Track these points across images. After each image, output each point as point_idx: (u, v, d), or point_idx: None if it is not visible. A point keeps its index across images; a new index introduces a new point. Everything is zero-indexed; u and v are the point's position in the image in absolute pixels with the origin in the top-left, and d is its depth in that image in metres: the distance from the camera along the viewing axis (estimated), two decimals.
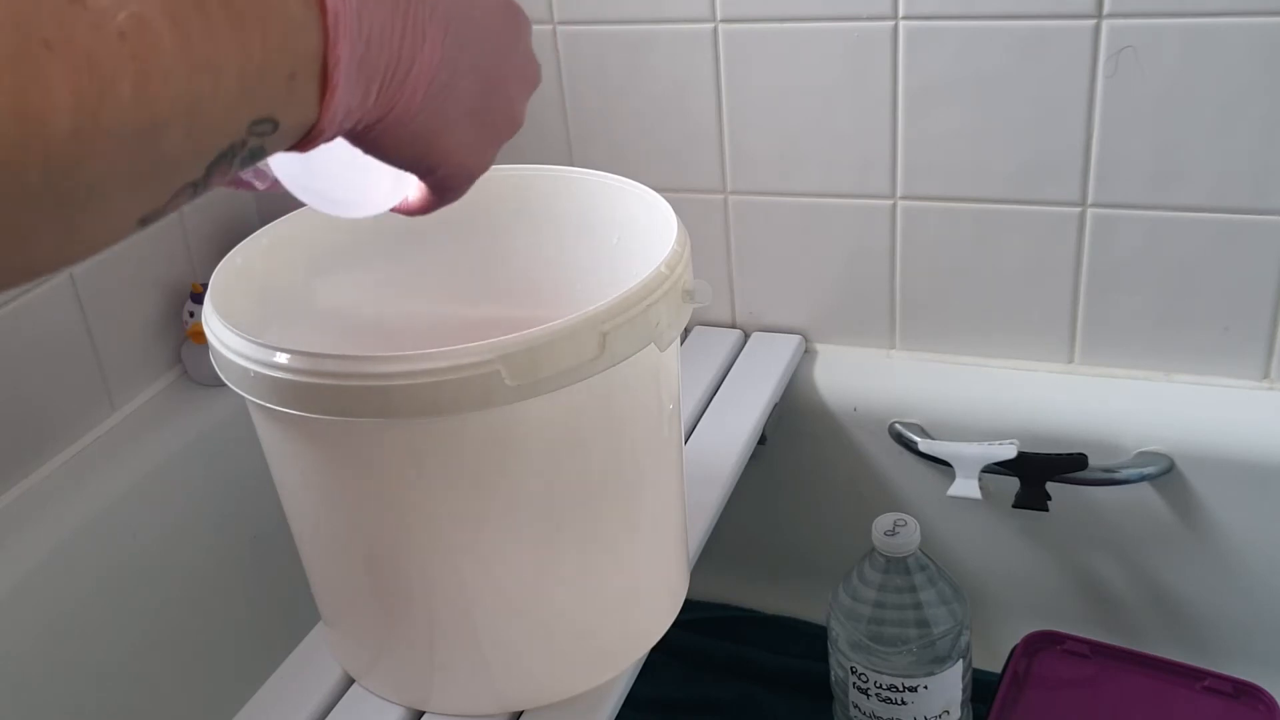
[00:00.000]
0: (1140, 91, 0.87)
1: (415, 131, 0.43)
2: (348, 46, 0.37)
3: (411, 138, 0.43)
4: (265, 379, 0.56)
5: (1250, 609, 0.96)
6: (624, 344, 0.58)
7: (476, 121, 0.46)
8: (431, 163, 0.46)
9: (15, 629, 0.86)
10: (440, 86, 0.42)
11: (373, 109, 0.40)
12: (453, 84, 0.43)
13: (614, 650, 0.70)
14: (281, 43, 0.35)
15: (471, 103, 0.45)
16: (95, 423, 1.02)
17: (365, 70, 0.39)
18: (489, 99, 0.46)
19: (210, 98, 0.32)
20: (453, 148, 0.46)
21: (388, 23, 0.39)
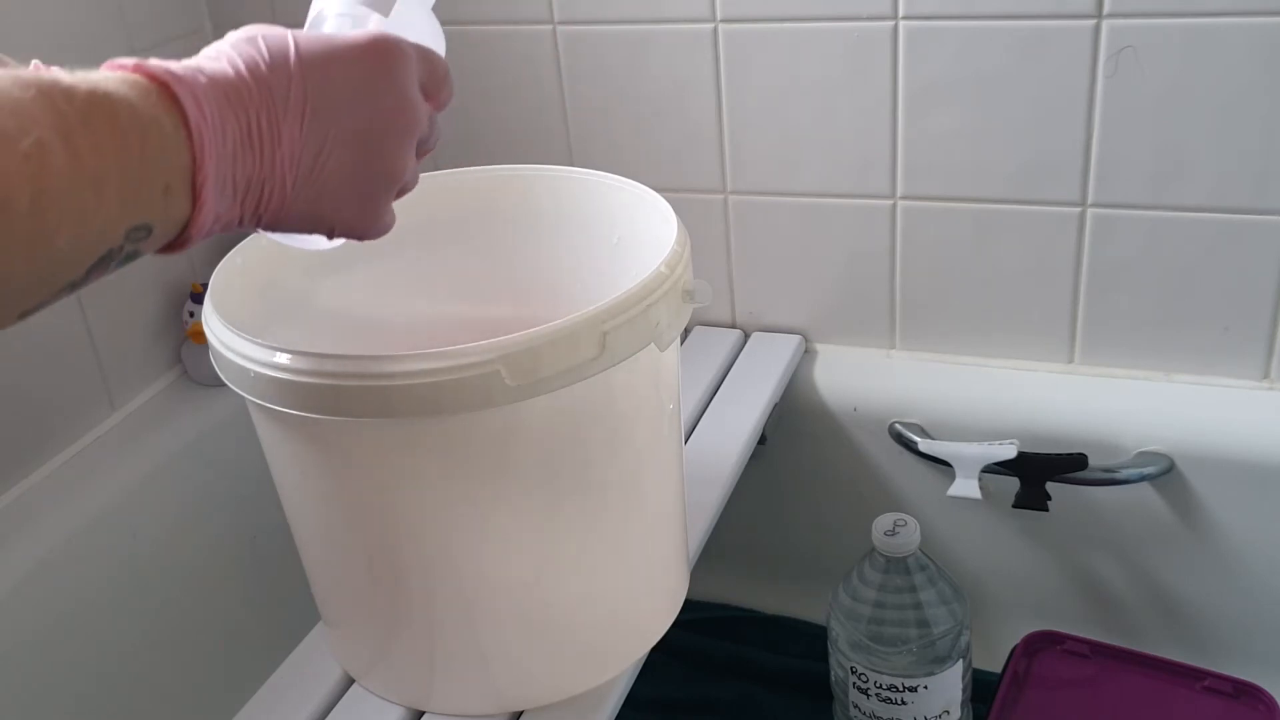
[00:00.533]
0: (1140, 91, 0.87)
1: (295, 213, 0.45)
2: (213, 163, 0.40)
3: (293, 218, 0.46)
4: (265, 379, 0.56)
5: (1250, 609, 0.96)
6: (624, 344, 0.58)
7: (354, 187, 0.47)
8: (323, 229, 0.48)
9: (15, 629, 0.86)
10: (306, 171, 0.44)
11: (243, 209, 0.43)
12: (320, 164, 0.45)
13: (614, 650, 0.70)
14: (157, 157, 0.38)
15: (345, 171, 0.46)
16: (95, 423, 1.02)
17: (230, 181, 0.42)
18: (363, 163, 0.47)
19: (94, 209, 0.36)
20: (337, 215, 0.47)
21: (243, 134, 0.42)
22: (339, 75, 0.45)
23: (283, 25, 0.48)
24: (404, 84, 0.48)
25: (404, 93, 0.48)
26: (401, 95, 0.47)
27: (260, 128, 0.42)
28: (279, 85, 0.43)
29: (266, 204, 0.44)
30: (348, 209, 0.47)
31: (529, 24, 1.02)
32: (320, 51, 0.45)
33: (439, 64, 0.51)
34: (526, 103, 1.05)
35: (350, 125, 0.45)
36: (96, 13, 0.99)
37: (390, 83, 0.47)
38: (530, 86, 1.04)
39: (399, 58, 0.47)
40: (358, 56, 0.46)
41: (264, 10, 1.08)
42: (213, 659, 1.02)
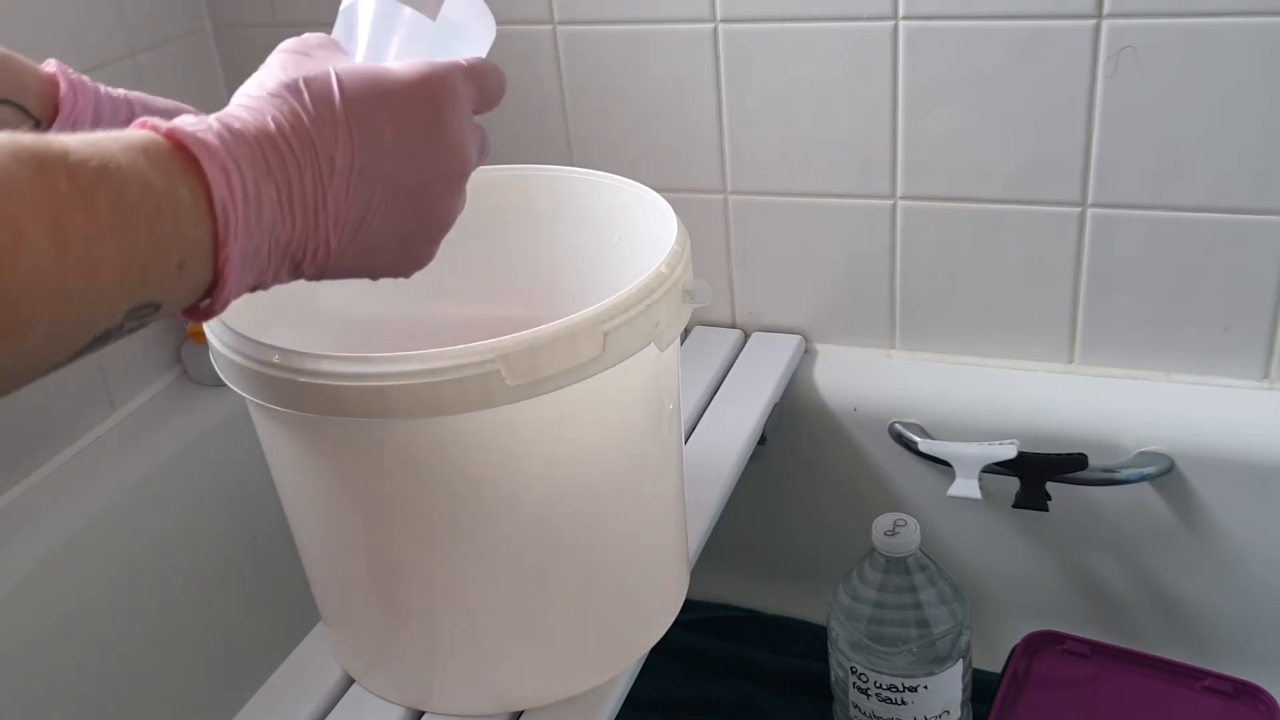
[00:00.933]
0: (1140, 91, 0.87)
1: (339, 268, 0.44)
2: (241, 237, 0.38)
3: (338, 272, 0.44)
4: (265, 379, 0.56)
5: (1250, 609, 0.96)
6: (624, 344, 0.58)
7: (402, 239, 0.45)
8: (369, 276, 0.47)
9: (16, 628, 0.86)
10: (352, 230, 0.43)
11: (280, 271, 0.41)
12: (368, 221, 0.43)
13: (614, 650, 0.70)
14: (169, 234, 0.36)
15: (393, 225, 0.44)
16: (95, 423, 1.02)
17: (264, 249, 0.40)
18: (413, 216, 0.45)
19: (82, 294, 0.34)
20: (384, 265, 0.46)
21: (283, 198, 0.40)
22: (388, 126, 0.43)
23: (284, 23, 0.48)
24: (456, 129, 0.46)
25: (456, 139, 0.46)
26: (454, 142, 0.46)
27: (303, 190, 0.40)
28: (324, 142, 0.41)
29: (309, 264, 0.42)
30: (396, 259, 0.46)
31: (529, 24, 1.02)
32: (367, 96, 0.43)
33: (490, 76, 0.49)
34: (526, 103, 1.05)
35: (400, 180, 0.44)
36: (96, 13, 0.99)
37: (441, 130, 0.45)
38: (530, 86, 1.04)
39: (450, 100, 0.45)
40: (407, 102, 0.44)
41: (264, 10, 1.08)
42: (213, 659, 1.02)
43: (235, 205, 0.38)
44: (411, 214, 0.45)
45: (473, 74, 0.47)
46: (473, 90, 0.47)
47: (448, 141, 0.45)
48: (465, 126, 0.46)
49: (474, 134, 0.48)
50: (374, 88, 0.43)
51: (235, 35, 1.10)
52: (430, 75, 0.45)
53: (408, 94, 0.44)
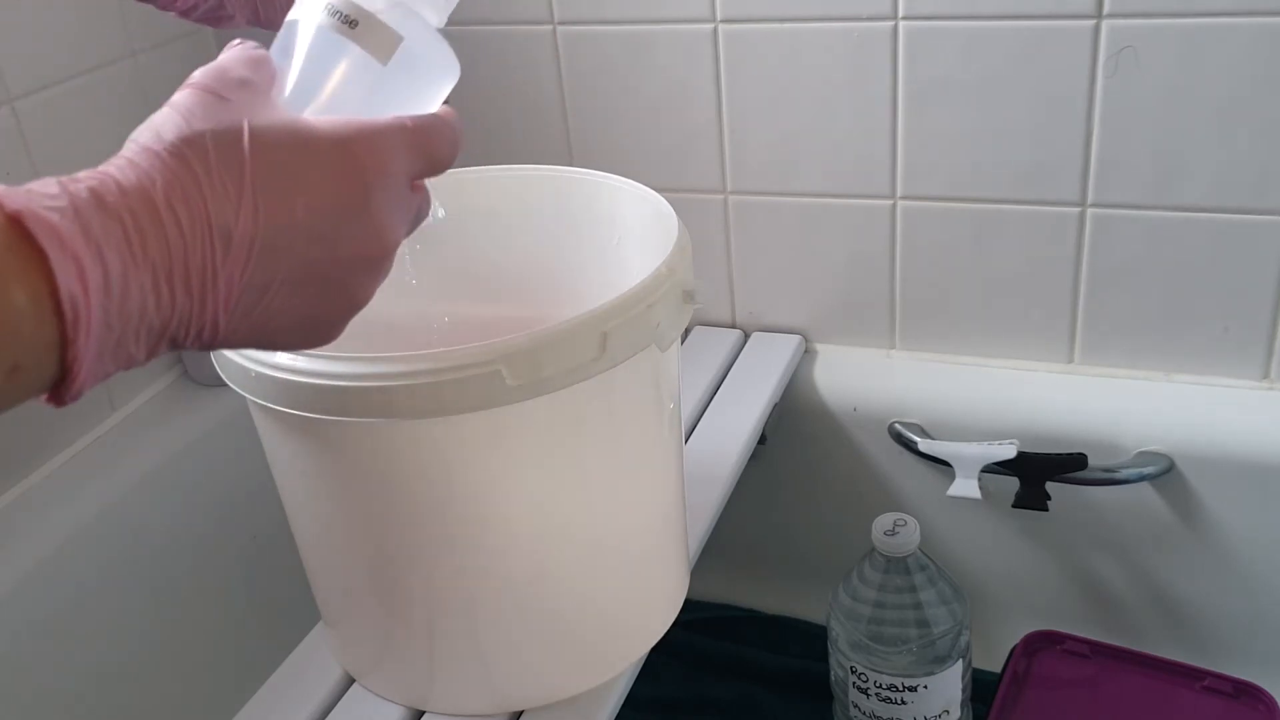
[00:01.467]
0: (1140, 91, 0.87)
1: (229, 344, 0.39)
2: (93, 338, 0.34)
3: (228, 346, 0.39)
4: (266, 379, 0.56)
5: (1250, 609, 0.96)
6: (624, 344, 0.58)
7: (303, 322, 0.40)
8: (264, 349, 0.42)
9: (15, 629, 0.86)
10: (245, 312, 0.37)
11: (154, 352, 0.37)
12: (265, 303, 0.38)
13: (614, 650, 0.70)
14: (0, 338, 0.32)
15: (294, 310, 0.39)
16: (95, 423, 1.02)
17: (132, 336, 0.35)
18: (319, 301, 0.39)
19: None
20: (280, 344, 0.41)
21: (162, 279, 0.35)
22: (301, 199, 0.37)
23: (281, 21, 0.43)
24: (382, 207, 0.39)
25: (380, 218, 0.39)
26: (377, 222, 0.39)
27: (187, 269, 0.35)
28: (221, 215, 0.35)
29: (192, 343, 0.37)
30: (295, 339, 0.41)
31: (529, 24, 1.02)
32: (283, 162, 0.37)
33: (439, 137, 0.42)
34: (526, 103, 1.05)
35: (309, 260, 0.38)
36: (96, 13, 0.98)
37: (365, 208, 0.39)
38: (530, 86, 1.04)
39: (380, 173, 0.39)
40: (328, 172, 0.38)
41: None
42: (213, 659, 1.02)
43: (88, 300, 0.33)
44: (318, 296, 0.39)
45: (418, 136, 0.41)
46: (415, 156, 0.41)
47: (370, 221, 0.39)
48: (394, 201, 0.40)
49: (406, 207, 0.41)
50: (292, 151, 0.37)
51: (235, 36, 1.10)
52: (361, 141, 0.39)
53: (330, 163, 0.38)
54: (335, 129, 0.39)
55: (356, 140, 0.39)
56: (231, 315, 0.37)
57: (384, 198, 0.39)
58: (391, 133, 0.40)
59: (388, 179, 0.39)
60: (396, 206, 0.40)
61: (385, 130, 0.40)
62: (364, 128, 0.39)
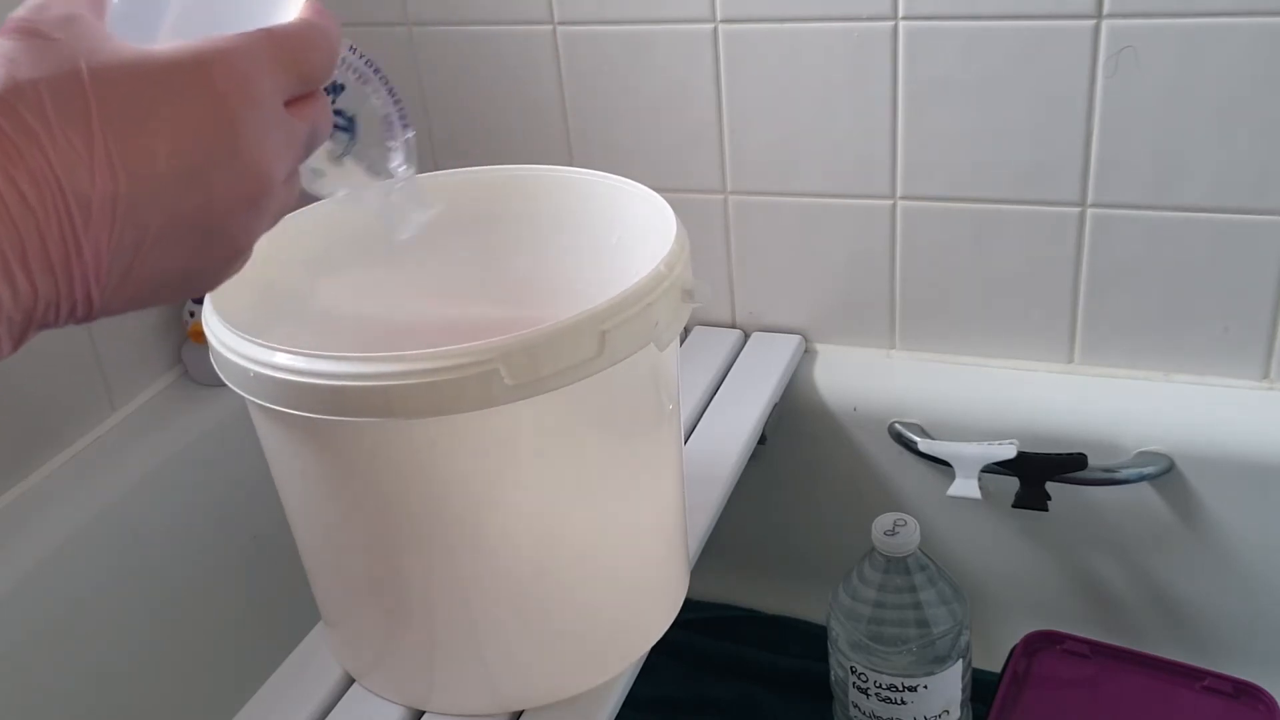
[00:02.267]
0: (1140, 91, 0.87)
1: (106, 314, 0.35)
2: None
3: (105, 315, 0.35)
4: (265, 379, 0.56)
5: (1250, 609, 0.96)
6: (623, 343, 0.58)
7: (183, 277, 0.36)
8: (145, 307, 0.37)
9: (15, 628, 0.86)
10: (118, 277, 0.33)
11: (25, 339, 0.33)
12: (138, 263, 0.33)
13: (614, 650, 0.70)
14: None
15: (171, 265, 0.35)
16: (95, 423, 1.02)
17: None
18: (197, 251, 0.35)
19: None
20: (163, 300, 0.37)
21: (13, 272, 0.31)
22: (162, 145, 0.32)
23: None
24: (254, 135, 0.34)
25: (253, 149, 0.34)
26: (251, 154, 0.34)
27: (44, 248, 0.31)
28: (74, 178, 0.31)
29: (65, 322, 0.33)
30: (176, 295, 0.37)
31: (529, 24, 1.02)
32: (132, 103, 0.32)
33: (309, 42, 0.37)
34: (526, 103, 1.05)
35: (179, 209, 0.33)
36: None
37: (232, 139, 0.34)
38: (530, 86, 1.04)
39: (242, 95, 0.34)
40: (182, 104, 0.33)
41: None
42: (213, 659, 1.02)
43: None
44: (197, 247, 0.35)
45: (283, 47, 0.36)
46: (283, 72, 0.36)
47: (241, 154, 0.34)
48: (268, 128, 0.35)
49: (284, 131, 0.36)
50: (141, 88, 0.32)
51: None
52: (218, 64, 0.34)
53: (187, 94, 0.33)
54: (185, 54, 0.33)
55: (212, 64, 0.33)
56: (105, 287, 0.33)
57: (255, 126, 0.34)
58: (250, 48, 0.35)
59: (256, 103, 0.34)
60: (271, 133, 0.35)
61: (242, 47, 0.34)
62: (218, 48, 0.34)
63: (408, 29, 1.06)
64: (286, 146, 0.36)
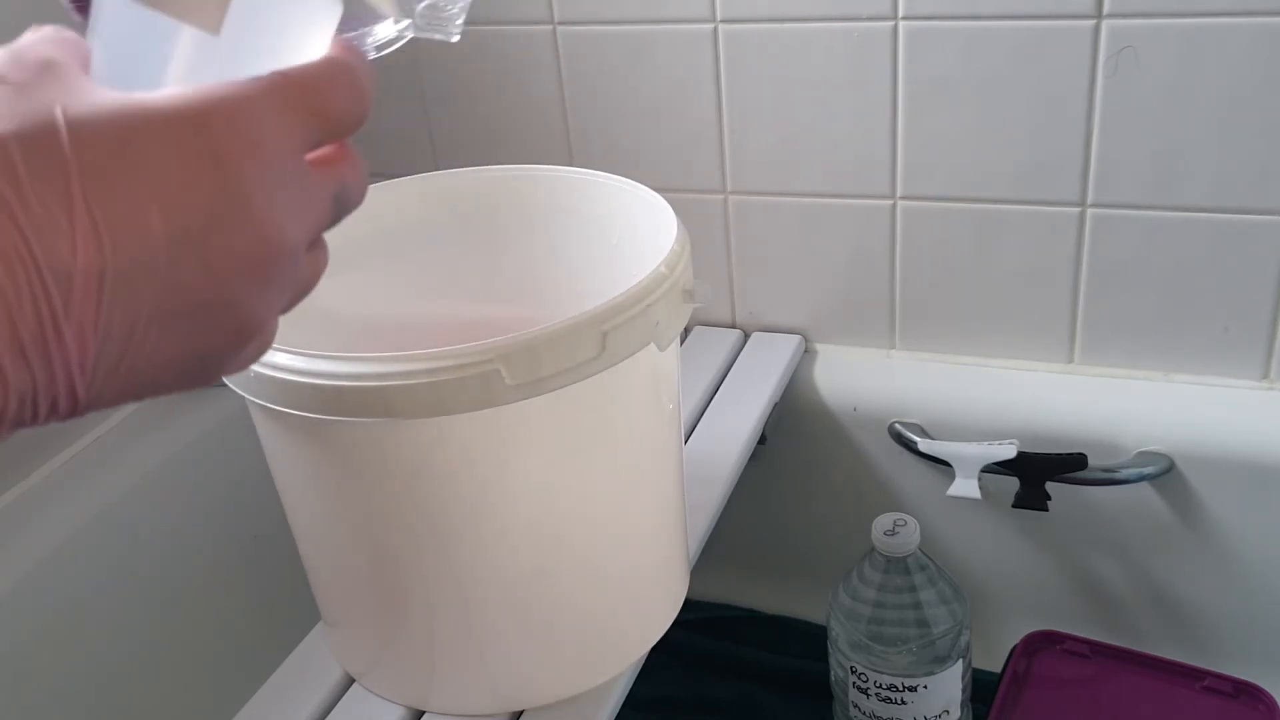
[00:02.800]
0: (1140, 91, 0.87)
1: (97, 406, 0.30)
2: None
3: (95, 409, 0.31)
4: (265, 379, 0.56)
5: (1250, 609, 0.96)
6: (624, 344, 0.58)
7: (185, 361, 0.31)
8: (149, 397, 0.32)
9: (16, 629, 0.86)
10: (109, 367, 0.29)
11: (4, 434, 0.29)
12: (133, 349, 0.29)
13: (614, 650, 0.70)
14: None
15: (171, 348, 0.30)
16: (95, 423, 1.02)
17: None
18: (199, 330, 0.30)
19: None
20: (164, 389, 0.32)
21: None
22: (154, 209, 0.28)
23: None
24: (260, 202, 0.29)
25: (261, 216, 0.30)
26: (257, 222, 0.29)
27: (18, 334, 0.26)
28: (52, 250, 0.26)
29: (43, 419, 0.29)
30: (179, 382, 0.32)
31: (529, 24, 1.02)
32: (119, 159, 0.27)
33: (332, 84, 0.32)
34: (526, 103, 1.05)
35: (177, 288, 0.29)
36: None
37: (238, 205, 0.29)
38: (530, 86, 1.04)
39: (248, 155, 0.29)
40: (181, 164, 0.28)
41: None
42: (213, 659, 1.02)
43: None
44: (198, 326, 0.30)
45: (299, 91, 0.31)
46: (299, 120, 0.31)
47: (250, 217, 0.29)
48: (280, 185, 0.30)
49: (302, 187, 0.31)
50: (128, 142, 0.28)
51: None
52: (218, 113, 0.29)
53: (182, 148, 0.28)
54: (179, 103, 0.29)
55: (211, 113, 0.29)
56: (92, 376, 0.28)
57: (263, 183, 0.29)
58: (258, 94, 0.30)
59: (263, 157, 0.29)
60: (284, 191, 0.30)
61: (248, 93, 0.30)
62: (217, 94, 0.29)
63: None
64: (305, 207, 0.32)
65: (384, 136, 1.12)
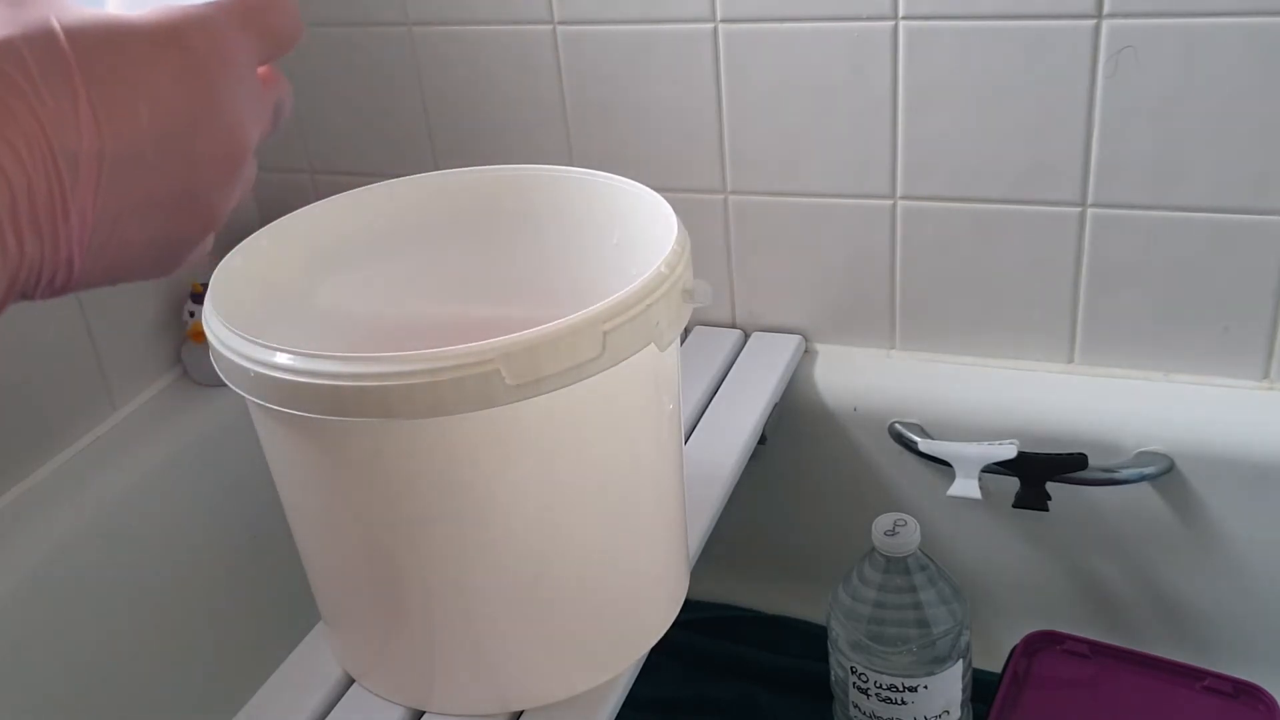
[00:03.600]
0: (1140, 91, 0.87)
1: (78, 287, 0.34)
2: None
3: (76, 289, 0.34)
4: (265, 379, 0.56)
5: (1250, 609, 0.96)
6: (624, 344, 0.58)
7: (159, 246, 0.35)
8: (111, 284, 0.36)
9: (15, 629, 0.86)
10: (99, 245, 0.33)
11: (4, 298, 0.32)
12: (117, 232, 0.33)
13: (614, 650, 0.70)
14: None
15: (149, 235, 0.34)
16: (95, 423, 1.02)
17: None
18: (174, 221, 0.35)
19: None
20: (134, 275, 0.36)
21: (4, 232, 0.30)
22: (144, 106, 0.32)
23: None
24: (230, 98, 0.34)
25: (231, 112, 0.34)
26: (229, 117, 0.34)
27: (33, 207, 0.30)
28: (61, 136, 0.30)
29: (44, 292, 0.33)
30: (150, 268, 0.36)
31: (529, 24, 1.02)
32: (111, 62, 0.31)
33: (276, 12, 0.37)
34: (526, 103, 1.05)
35: (161, 173, 0.33)
36: None
37: (211, 102, 0.34)
38: (530, 86, 1.04)
39: (219, 58, 0.34)
40: (162, 67, 0.32)
41: None
42: (213, 659, 1.02)
43: None
44: (176, 213, 0.35)
45: (253, 13, 0.36)
46: (254, 37, 0.36)
47: (221, 117, 0.34)
48: (244, 92, 0.35)
49: (258, 97, 0.36)
50: (118, 50, 0.32)
51: None
52: (193, 29, 0.33)
53: (165, 58, 0.33)
54: (158, 20, 0.33)
55: (187, 29, 0.33)
56: (86, 252, 0.32)
57: (232, 90, 0.34)
58: (223, 14, 0.34)
59: (231, 67, 0.34)
60: (247, 98, 0.35)
61: (215, 13, 0.34)
62: (190, 13, 0.33)
63: (408, 29, 1.06)
64: (259, 114, 0.36)
65: (384, 136, 1.12)
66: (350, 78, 1.11)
